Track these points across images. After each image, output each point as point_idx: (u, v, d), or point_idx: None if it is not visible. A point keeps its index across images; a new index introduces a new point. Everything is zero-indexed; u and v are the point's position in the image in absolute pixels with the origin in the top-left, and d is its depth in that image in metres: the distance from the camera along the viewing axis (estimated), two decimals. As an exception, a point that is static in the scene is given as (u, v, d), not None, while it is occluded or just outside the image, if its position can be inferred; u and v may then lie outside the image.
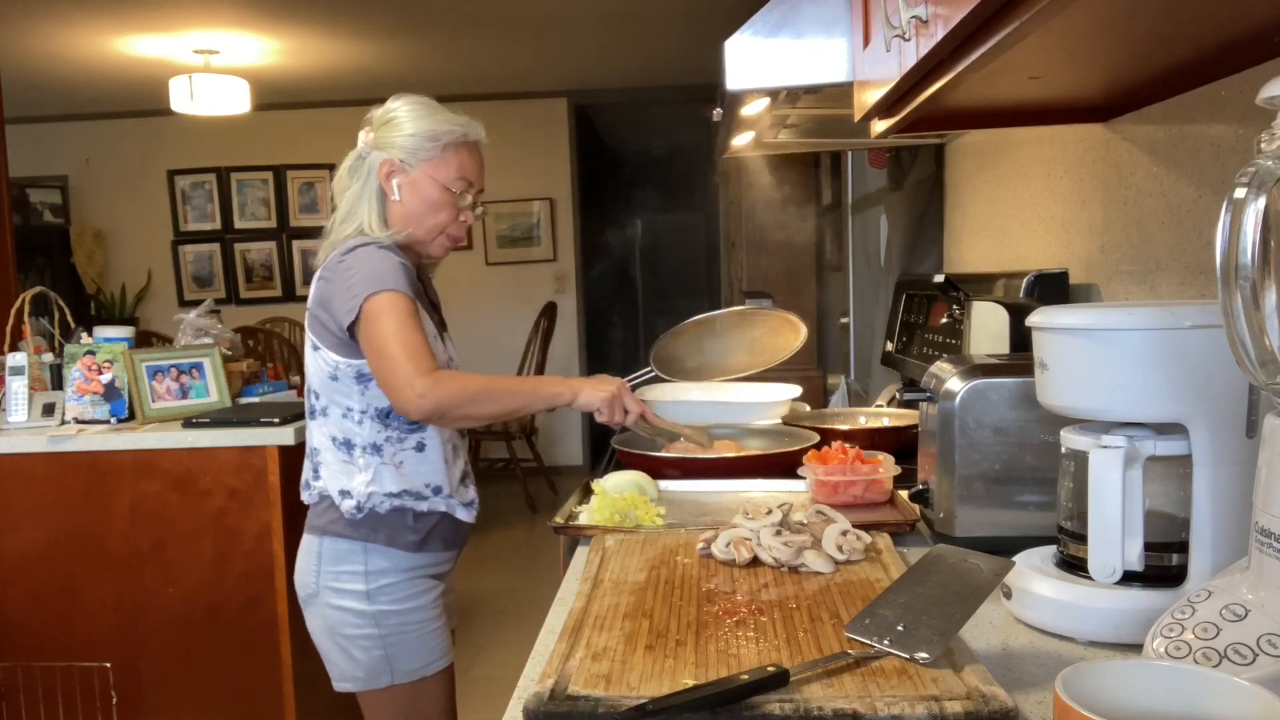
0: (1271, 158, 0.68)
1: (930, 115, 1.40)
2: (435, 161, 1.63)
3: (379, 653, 1.63)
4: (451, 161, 1.64)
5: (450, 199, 1.64)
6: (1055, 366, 0.99)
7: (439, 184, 1.63)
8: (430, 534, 1.66)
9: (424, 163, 1.62)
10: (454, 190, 1.64)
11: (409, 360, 1.49)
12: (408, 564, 1.64)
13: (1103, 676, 0.65)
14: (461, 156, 1.65)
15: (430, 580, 1.69)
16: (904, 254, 3.01)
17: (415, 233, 1.65)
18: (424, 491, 1.63)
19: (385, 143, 1.63)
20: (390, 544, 1.63)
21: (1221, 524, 0.91)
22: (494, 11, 4.83)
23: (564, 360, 6.78)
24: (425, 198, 1.63)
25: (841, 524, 1.26)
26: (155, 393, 2.65)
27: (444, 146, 1.63)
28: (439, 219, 1.65)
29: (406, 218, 1.64)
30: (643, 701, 0.79)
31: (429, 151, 1.62)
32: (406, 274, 1.56)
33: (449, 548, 1.71)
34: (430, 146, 1.62)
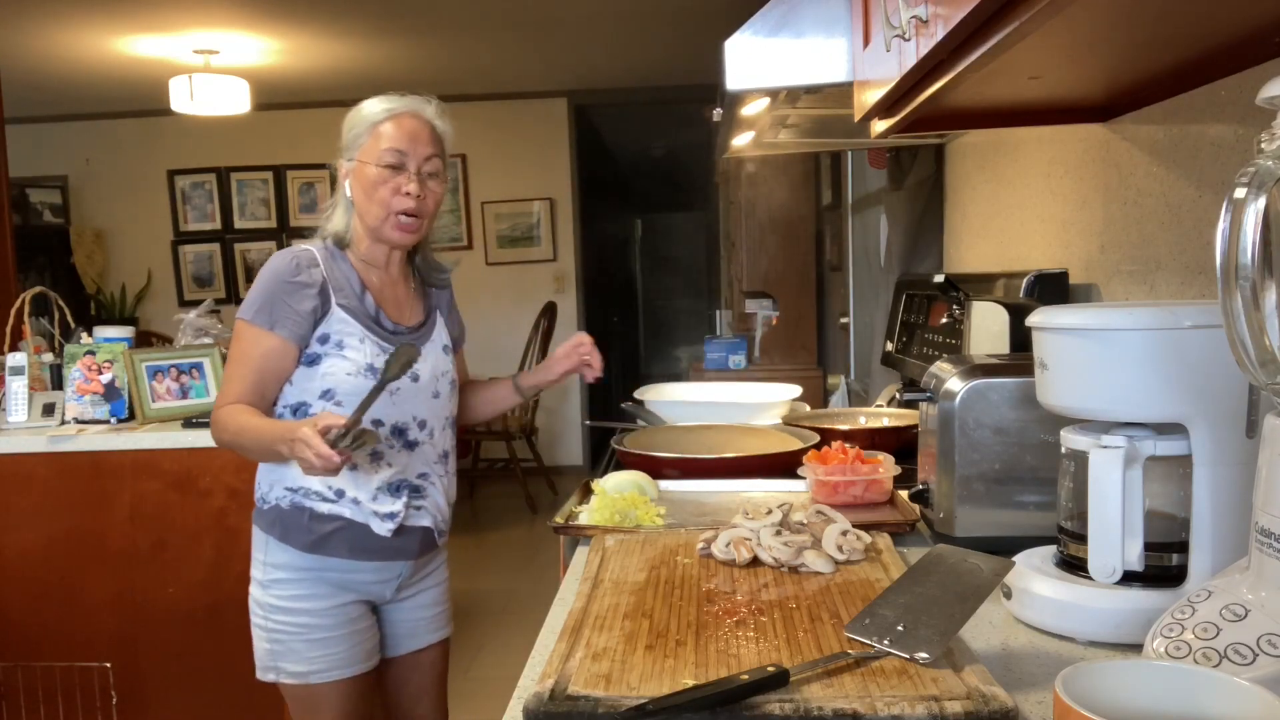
0: (1271, 158, 0.68)
1: (930, 115, 1.40)
2: (366, 145, 1.62)
3: (265, 646, 1.63)
4: (381, 136, 1.61)
5: (384, 175, 1.60)
6: (1055, 366, 0.99)
7: (369, 164, 1.60)
8: (329, 538, 1.60)
9: (360, 150, 1.62)
10: (383, 164, 1.60)
11: (220, 392, 1.60)
12: (303, 564, 1.61)
13: (1103, 676, 0.65)
14: (389, 129, 1.61)
15: (332, 588, 1.62)
16: (904, 254, 3.01)
17: (369, 222, 1.63)
18: (326, 493, 1.60)
19: (341, 147, 1.66)
20: (284, 540, 1.61)
21: (1221, 524, 0.91)
22: (494, 11, 4.83)
23: (564, 360, 6.76)
24: (364, 183, 1.61)
25: (841, 524, 1.26)
26: (155, 393, 2.65)
27: (372, 127, 1.62)
28: (378, 197, 1.60)
29: (359, 211, 1.64)
30: (643, 701, 0.79)
31: (362, 138, 1.62)
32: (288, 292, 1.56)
33: (360, 557, 1.63)
34: (363, 133, 1.62)
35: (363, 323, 1.61)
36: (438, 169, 1.66)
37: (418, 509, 1.67)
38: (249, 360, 1.58)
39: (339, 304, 1.60)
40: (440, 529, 1.74)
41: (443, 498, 1.74)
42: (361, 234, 1.66)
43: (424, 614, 1.81)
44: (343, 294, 1.62)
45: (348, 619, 1.64)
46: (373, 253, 1.67)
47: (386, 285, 1.70)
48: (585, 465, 6.91)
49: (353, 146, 1.63)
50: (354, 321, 1.61)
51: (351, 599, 1.64)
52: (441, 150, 1.68)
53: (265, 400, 1.61)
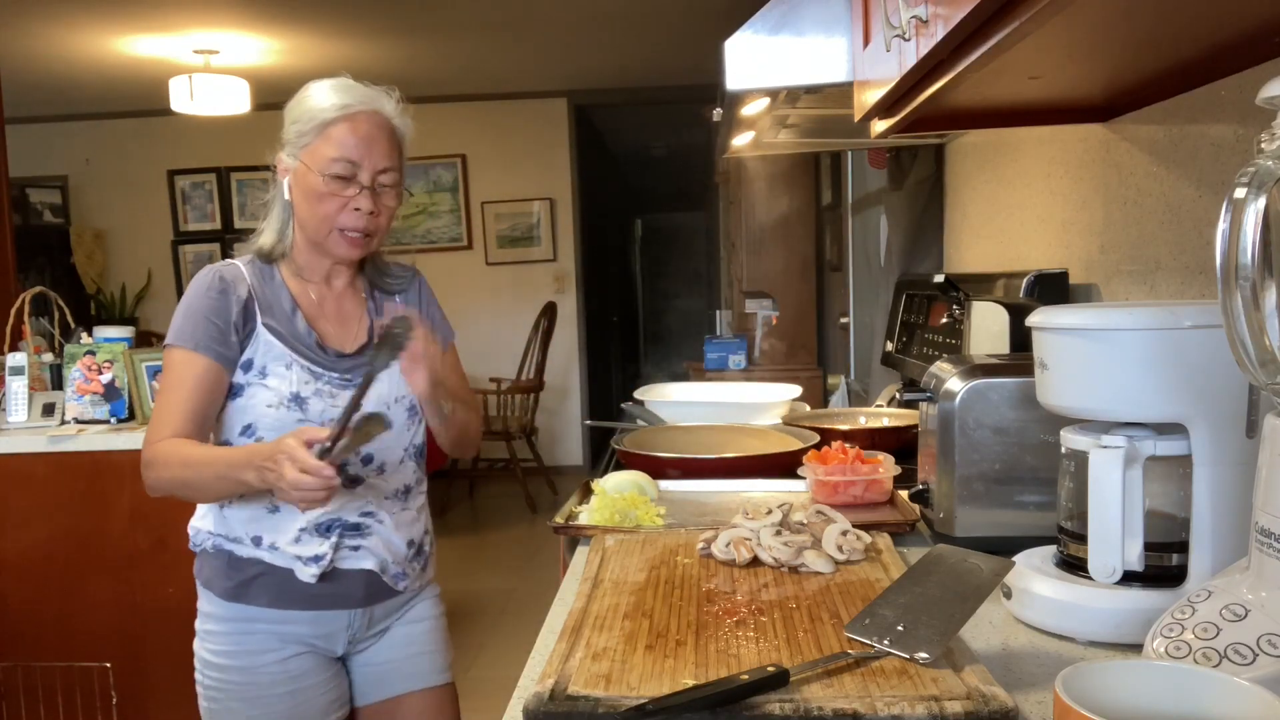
0: (1271, 158, 0.68)
1: (930, 115, 1.40)
2: (312, 147, 1.40)
3: (203, 704, 1.47)
4: (330, 140, 1.39)
5: (332, 187, 1.39)
6: (1055, 366, 0.99)
7: (314, 172, 1.39)
8: (250, 585, 1.43)
9: (304, 151, 1.41)
10: (331, 174, 1.39)
11: (150, 429, 1.39)
12: (229, 614, 1.45)
13: (1103, 676, 0.65)
14: (341, 133, 1.40)
15: (268, 639, 1.44)
16: (904, 254, 3.01)
17: (309, 233, 1.45)
18: (243, 537, 1.44)
19: (281, 139, 1.46)
20: (208, 586, 1.47)
21: (1221, 524, 0.91)
22: (494, 11, 4.83)
23: (564, 360, 6.78)
24: (306, 190, 1.41)
25: (841, 524, 1.26)
26: (155, 393, 2.65)
27: (321, 127, 1.40)
28: (322, 210, 1.40)
29: (299, 218, 1.45)
30: (643, 701, 0.79)
31: (307, 137, 1.41)
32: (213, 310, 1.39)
33: (287, 606, 1.44)
34: (309, 131, 1.41)
35: (291, 346, 1.43)
36: (394, 181, 1.45)
37: (354, 549, 1.46)
38: (182, 387, 1.38)
39: (265, 324, 1.42)
40: (396, 570, 1.50)
41: (399, 536, 1.50)
42: (300, 242, 1.47)
43: (396, 655, 1.57)
44: (270, 313, 1.44)
45: (288, 675, 1.45)
46: (311, 264, 1.49)
47: (327, 301, 1.50)
48: (585, 465, 6.91)
49: (295, 143, 1.43)
50: (279, 344, 1.42)
51: (294, 652, 1.45)
52: (400, 158, 1.46)
53: (204, 434, 1.41)
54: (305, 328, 1.46)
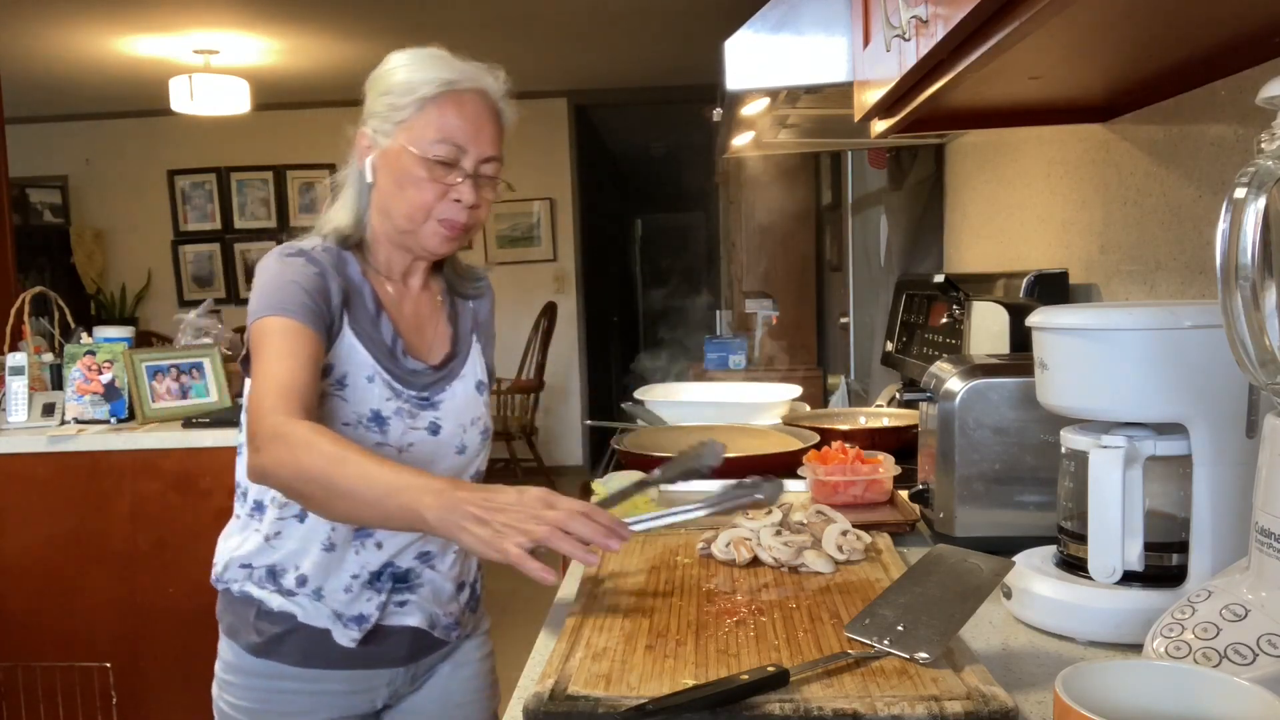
0: (1271, 158, 0.68)
1: (930, 115, 1.40)
2: (410, 124, 1.22)
3: None
4: (431, 120, 1.21)
5: (430, 171, 1.21)
6: (1055, 366, 0.99)
7: (413, 153, 1.21)
8: (280, 641, 1.23)
9: (399, 128, 1.22)
10: (430, 157, 1.21)
11: (265, 397, 1.09)
12: (256, 668, 1.25)
13: (1103, 676, 0.65)
14: (445, 112, 1.22)
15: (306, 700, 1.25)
16: (904, 254, 3.01)
17: (396, 222, 1.24)
18: (285, 579, 1.23)
19: (365, 111, 1.27)
20: (231, 636, 1.27)
21: (1221, 524, 0.91)
22: (494, 11, 4.83)
23: (564, 360, 6.78)
24: (398, 173, 1.22)
25: (841, 524, 1.26)
26: (155, 393, 2.65)
27: (421, 103, 1.22)
28: (419, 199, 1.22)
29: (382, 205, 1.25)
30: (643, 701, 0.79)
31: (404, 112, 1.22)
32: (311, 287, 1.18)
33: (320, 666, 1.24)
34: (405, 105, 1.22)
35: (374, 354, 1.23)
36: (496, 171, 1.30)
37: (401, 605, 1.27)
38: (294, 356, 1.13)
39: (351, 326, 1.22)
40: (447, 622, 1.31)
41: (449, 583, 1.31)
42: (380, 232, 1.27)
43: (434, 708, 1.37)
44: (354, 313, 1.23)
45: None
46: (391, 258, 1.29)
47: (405, 302, 1.30)
48: (585, 465, 6.91)
49: (387, 118, 1.23)
50: (363, 351, 1.22)
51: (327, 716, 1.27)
52: (502, 147, 1.32)
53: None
54: (391, 333, 1.26)
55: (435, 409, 1.27)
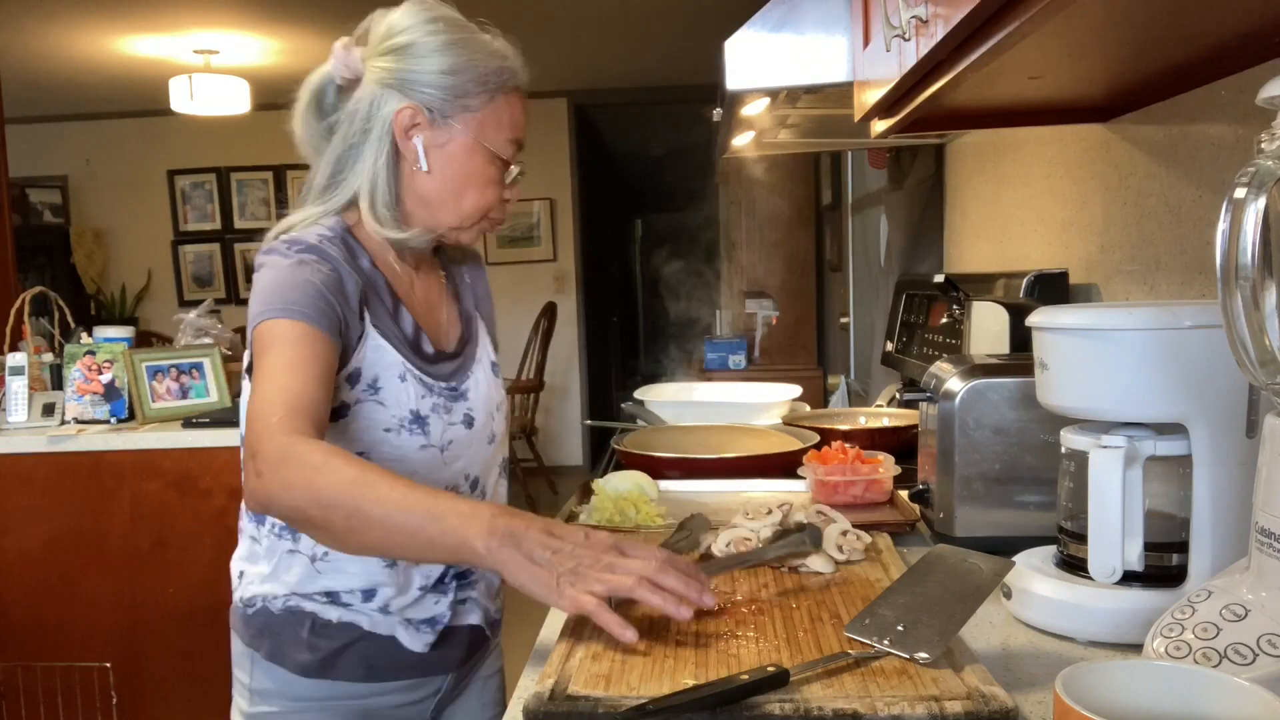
0: (1271, 158, 0.68)
1: (930, 115, 1.40)
2: (480, 116, 1.12)
3: None
4: (503, 116, 1.14)
5: (500, 171, 1.15)
6: (1055, 366, 0.99)
7: (488, 150, 1.13)
8: (339, 657, 1.13)
9: (467, 116, 1.12)
10: (505, 157, 1.15)
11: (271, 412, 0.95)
12: (307, 692, 1.14)
13: (1103, 676, 0.65)
14: (514, 108, 1.15)
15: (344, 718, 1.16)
16: (904, 254, 3.01)
17: (447, 216, 1.15)
18: (342, 595, 1.13)
19: (403, 79, 1.11)
20: (276, 659, 1.14)
21: (1221, 524, 0.91)
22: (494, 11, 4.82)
23: (564, 360, 6.78)
24: (469, 169, 1.13)
25: (841, 524, 1.26)
26: (155, 393, 2.65)
27: (494, 95, 1.13)
28: (486, 198, 1.15)
29: (436, 198, 1.14)
30: (643, 701, 0.79)
31: (473, 100, 1.12)
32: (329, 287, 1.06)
33: (384, 679, 1.16)
34: (476, 94, 1.11)
35: (403, 352, 1.14)
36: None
37: (463, 603, 1.21)
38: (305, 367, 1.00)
39: (374, 325, 1.12)
40: (494, 618, 1.27)
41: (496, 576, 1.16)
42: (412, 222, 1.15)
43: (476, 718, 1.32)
44: (373, 309, 1.13)
45: None
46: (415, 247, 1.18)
47: (417, 289, 1.21)
48: (585, 465, 6.91)
49: (448, 101, 1.11)
50: (390, 349, 1.12)
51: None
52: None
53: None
54: (412, 326, 1.17)
55: (466, 400, 1.20)
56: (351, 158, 1.14)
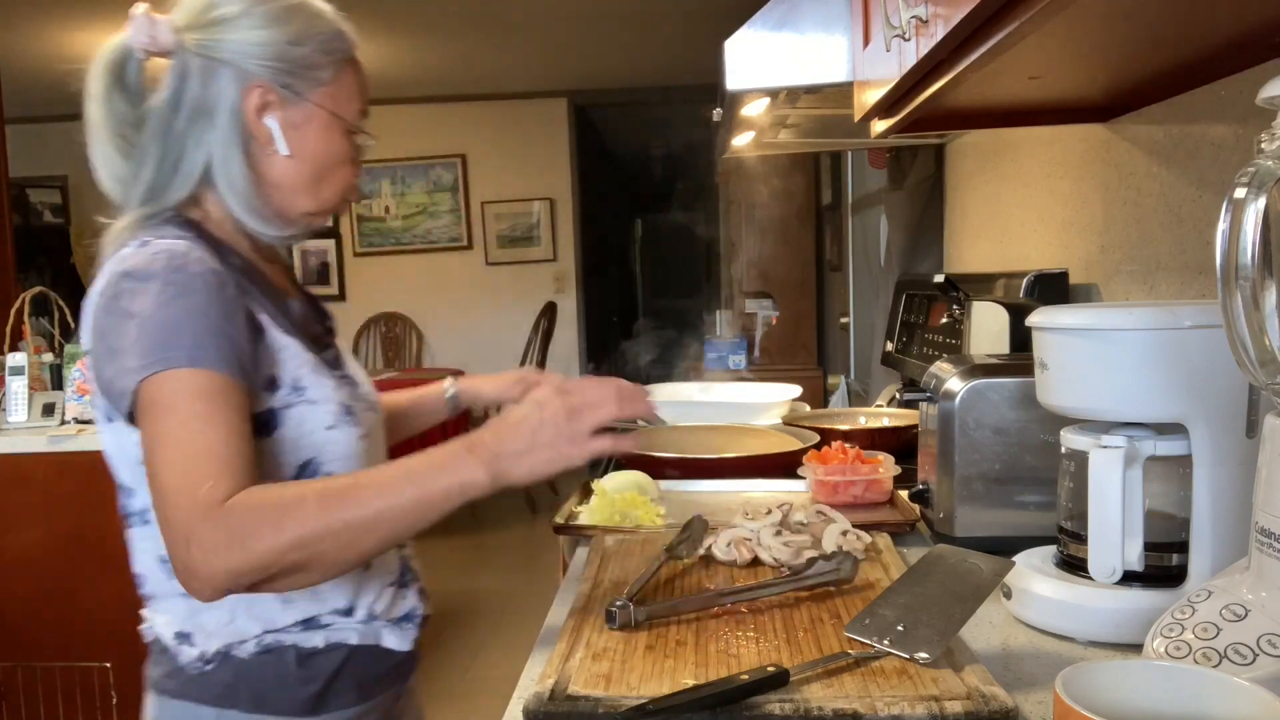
0: (1271, 158, 0.68)
1: (930, 115, 1.40)
2: (333, 88, 1.04)
3: None
4: (352, 84, 1.06)
5: (354, 146, 1.08)
6: (1055, 366, 0.99)
7: (345, 124, 1.05)
8: (335, 683, 1.03)
9: (321, 90, 1.03)
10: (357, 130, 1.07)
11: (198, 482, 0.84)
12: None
13: (1103, 676, 0.65)
14: (359, 73, 1.08)
15: None
16: (904, 254, 3.01)
17: (300, 203, 1.05)
18: (320, 617, 1.03)
19: (241, 53, 0.99)
20: (259, 707, 1.00)
21: (1221, 524, 0.91)
22: (494, 11, 4.83)
23: (564, 361, 6.78)
24: (329, 147, 1.04)
25: (841, 524, 1.26)
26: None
27: (342, 64, 1.05)
28: (344, 178, 1.07)
29: (295, 182, 1.03)
30: (643, 701, 0.79)
31: (323, 72, 1.02)
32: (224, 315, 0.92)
33: (372, 695, 1.07)
34: (326, 63, 1.03)
35: (304, 341, 1.04)
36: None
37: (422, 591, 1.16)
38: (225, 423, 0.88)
39: (275, 322, 1.01)
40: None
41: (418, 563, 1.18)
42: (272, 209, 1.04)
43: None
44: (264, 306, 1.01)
45: None
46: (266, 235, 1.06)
47: (278, 278, 1.11)
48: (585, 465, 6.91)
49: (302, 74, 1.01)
50: (296, 343, 1.02)
51: None
52: None
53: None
54: (299, 313, 1.08)
55: (359, 384, 1.12)
56: (189, 147, 1.00)
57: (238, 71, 0.99)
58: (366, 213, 6.81)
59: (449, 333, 6.82)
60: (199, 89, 0.99)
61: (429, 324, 6.84)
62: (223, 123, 1.00)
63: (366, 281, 6.86)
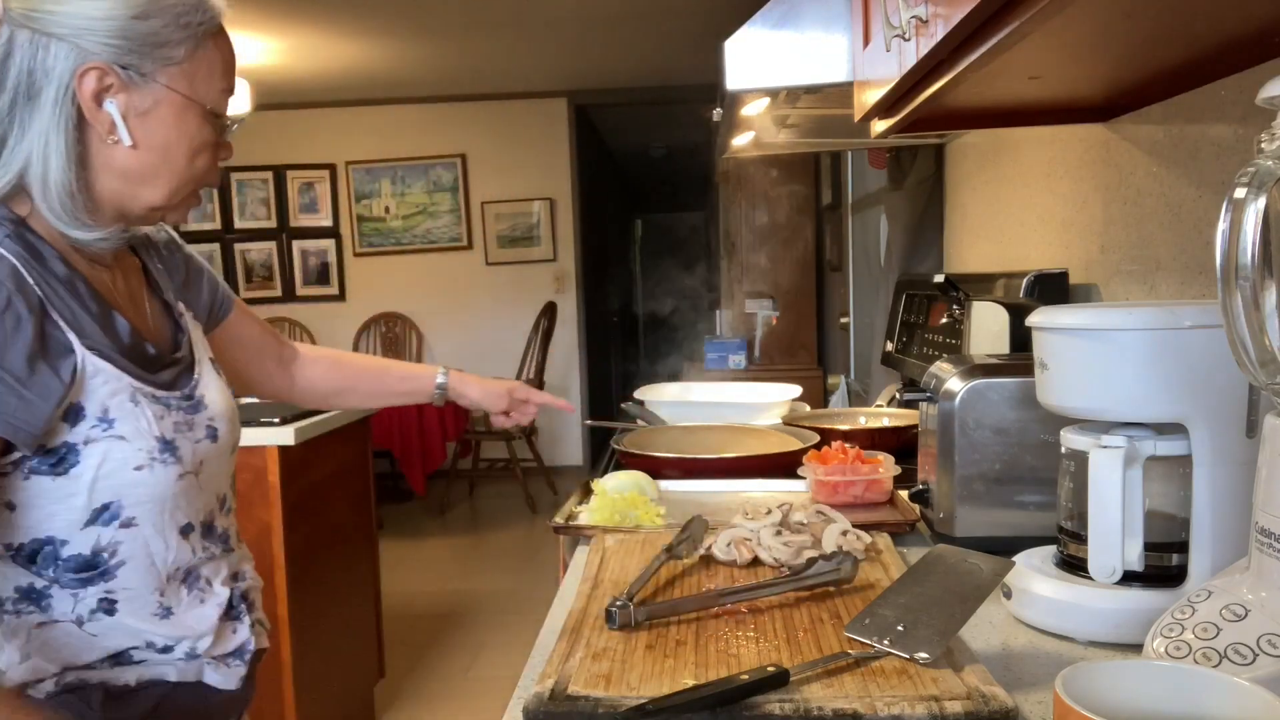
0: (1271, 158, 0.68)
1: (930, 115, 1.40)
2: (188, 66, 0.92)
3: None
4: (213, 62, 0.95)
5: (215, 129, 0.97)
6: (1055, 366, 0.99)
7: (203, 107, 0.94)
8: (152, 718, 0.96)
9: (172, 70, 0.91)
10: (222, 112, 0.97)
11: None
12: None
13: (1103, 676, 0.65)
14: (223, 50, 0.96)
15: None
16: (904, 254, 3.01)
17: (146, 195, 0.95)
18: (132, 652, 0.95)
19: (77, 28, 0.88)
20: None
21: (1221, 524, 0.91)
22: (494, 11, 4.83)
23: (564, 360, 6.78)
24: (182, 133, 0.93)
25: (841, 524, 1.26)
26: None
27: (199, 40, 0.93)
28: (200, 166, 0.97)
29: (140, 173, 0.93)
30: (643, 701, 0.79)
31: (175, 50, 0.91)
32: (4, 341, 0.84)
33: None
34: (180, 40, 0.91)
35: (126, 368, 0.94)
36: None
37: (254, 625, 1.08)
38: None
39: (84, 344, 0.90)
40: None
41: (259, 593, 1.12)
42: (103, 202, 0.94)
43: None
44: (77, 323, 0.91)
45: None
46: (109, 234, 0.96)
47: (119, 283, 1.00)
48: (585, 465, 6.91)
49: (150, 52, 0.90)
50: (111, 368, 0.92)
51: None
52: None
53: None
54: (128, 331, 0.96)
55: (205, 408, 1.03)
56: (11, 133, 0.90)
57: (72, 49, 0.88)
58: (366, 213, 6.81)
59: (449, 333, 6.82)
60: (27, 65, 0.88)
61: (429, 324, 6.84)
62: (51, 105, 0.88)
63: (366, 281, 6.86)
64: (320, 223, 6.84)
